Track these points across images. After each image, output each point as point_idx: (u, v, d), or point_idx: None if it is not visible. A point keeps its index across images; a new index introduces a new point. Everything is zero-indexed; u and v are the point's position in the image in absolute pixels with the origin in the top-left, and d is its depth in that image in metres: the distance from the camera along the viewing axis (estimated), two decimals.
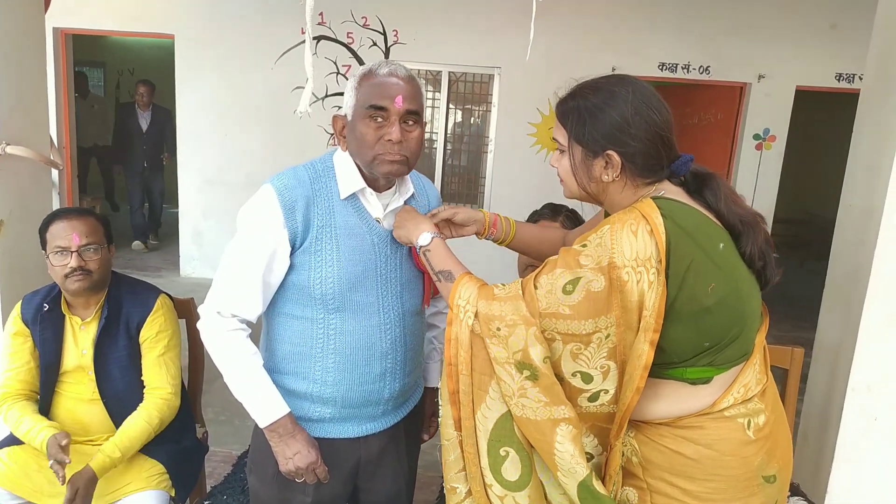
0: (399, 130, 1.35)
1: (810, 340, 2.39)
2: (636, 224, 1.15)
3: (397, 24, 5.44)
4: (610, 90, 1.23)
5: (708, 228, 1.20)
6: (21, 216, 2.25)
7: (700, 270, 1.15)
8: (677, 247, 1.14)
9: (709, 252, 1.17)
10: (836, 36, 5.23)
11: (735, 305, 1.19)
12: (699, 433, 1.22)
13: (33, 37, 2.35)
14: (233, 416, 3.30)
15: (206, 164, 5.84)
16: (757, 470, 1.24)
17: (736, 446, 1.22)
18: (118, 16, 5.59)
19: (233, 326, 1.41)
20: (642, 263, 1.13)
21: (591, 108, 1.22)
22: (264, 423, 1.40)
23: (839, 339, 2.16)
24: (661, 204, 1.18)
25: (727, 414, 1.23)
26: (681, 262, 1.14)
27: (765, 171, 5.41)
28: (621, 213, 1.18)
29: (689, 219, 1.18)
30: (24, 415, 1.77)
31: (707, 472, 1.21)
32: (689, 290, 1.14)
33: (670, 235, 1.14)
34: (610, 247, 1.15)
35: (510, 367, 1.21)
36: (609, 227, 1.17)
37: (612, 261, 1.14)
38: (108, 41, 9.82)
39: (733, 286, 1.19)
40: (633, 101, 1.21)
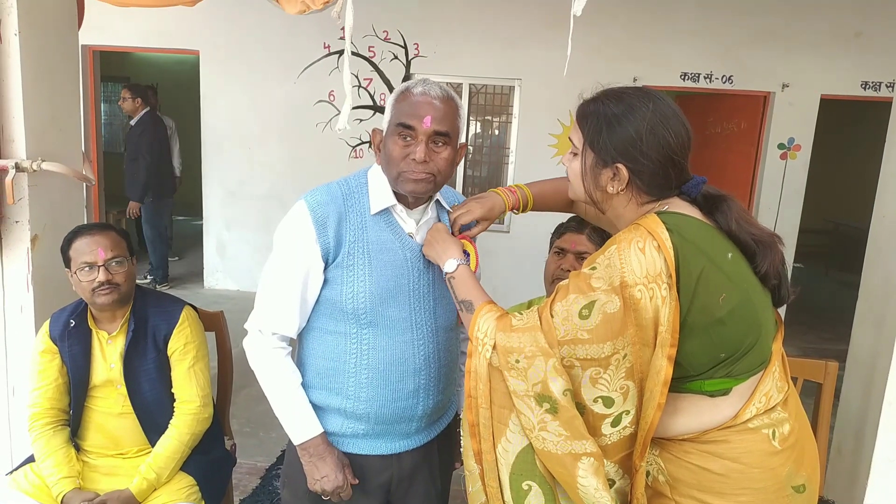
0: (424, 150, 1.36)
1: (836, 352, 2.36)
2: (642, 241, 1.15)
3: (418, 38, 5.48)
4: (631, 103, 1.22)
5: (714, 239, 1.20)
6: (54, 231, 2.29)
7: (710, 282, 1.14)
8: (686, 260, 1.14)
9: (717, 263, 1.16)
10: (861, 44, 5.17)
11: (748, 315, 1.19)
12: (724, 447, 1.21)
13: (67, 54, 2.39)
14: (257, 429, 3.31)
15: (229, 177, 5.91)
16: (786, 480, 1.23)
17: (762, 458, 1.21)
18: (144, 32, 5.70)
19: (273, 345, 1.45)
20: (653, 280, 1.13)
21: (610, 118, 1.22)
22: (297, 441, 1.44)
23: (874, 352, 2.12)
24: (666, 218, 1.18)
25: (751, 426, 1.22)
26: (690, 275, 1.14)
27: (790, 181, 5.35)
28: (626, 232, 1.18)
29: (695, 231, 1.18)
30: (48, 454, 1.81)
31: (736, 486, 1.20)
32: (700, 302, 1.14)
33: (678, 249, 1.14)
34: (619, 266, 1.14)
35: (529, 400, 1.19)
36: (616, 246, 1.16)
37: (624, 280, 1.14)
38: (133, 57, 10.00)
39: (745, 296, 1.18)
40: (651, 118, 1.20)
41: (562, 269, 1.87)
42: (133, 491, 1.76)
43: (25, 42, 2.12)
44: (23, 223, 2.18)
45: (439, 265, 1.41)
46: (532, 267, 4.84)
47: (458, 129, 1.43)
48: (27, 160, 2.13)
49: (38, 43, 2.19)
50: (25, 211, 2.18)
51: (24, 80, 2.13)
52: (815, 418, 2.01)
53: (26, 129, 2.15)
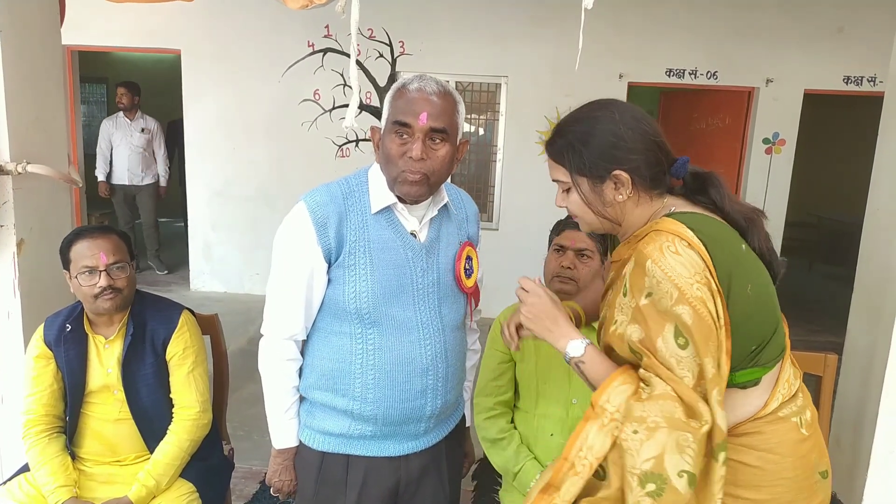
0: (420, 148, 1.34)
1: (823, 343, 2.38)
2: (671, 243, 1.13)
3: (403, 36, 5.44)
4: (591, 116, 1.24)
5: (729, 233, 1.20)
6: (40, 235, 2.24)
7: (738, 274, 1.15)
8: (715, 255, 1.13)
9: (738, 255, 1.18)
10: (844, 39, 5.23)
11: (769, 302, 1.21)
12: (758, 439, 1.21)
13: (50, 53, 2.34)
14: (251, 432, 3.27)
15: (214, 178, 5.84)
16: (814, 467, 1.25)
17: (794, 446, 1.22)
18: (124, 32, 5.60)
19: (288, 355, 1.48)
20: (701, 275, 1.12)
21: (581, 138, 1.22)
22: (278, 446, 1.53)
23: (871, 344, 2.13)
24: (681, 218, 1.18)
25: (780, 414, 1.23)
26: (722, 268, 1.14)
27: (775, 176, 5.40)
28: (649, 242, 1.16)
29: (713, 227, 1.18)
30: (43, 462, 1.77)
31: (772, 478, 1.20)
32: (734, 296, 1.14)
33: (707, 245, 1.13)
34: (666, 276, 1.12)
35: (632, 478, 1.11)
36: (649, 261, 1.13)
37: (679, 287, 1.11)
38: (111, 56, 9.85)
39: (764, 282, 1.21)
40: (620, 118, 1.21)
41: (562, 266, 1.86)
42: (132, 498, 1.72)
43: (7, 41, 2.07)
44: (8, 227, 2.13)
45: (557, 348, 1.28)
46: (522, 264, 4.83)
47: (457, 126, 1.41)
48: (11, 162, 2.07)
49: (20, 42, 2.13)
50: (10, 215, 2.12)
51: (7, 80, 2.07)
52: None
53: (9, 131, 2.09)
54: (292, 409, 1.51)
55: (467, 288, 1.51)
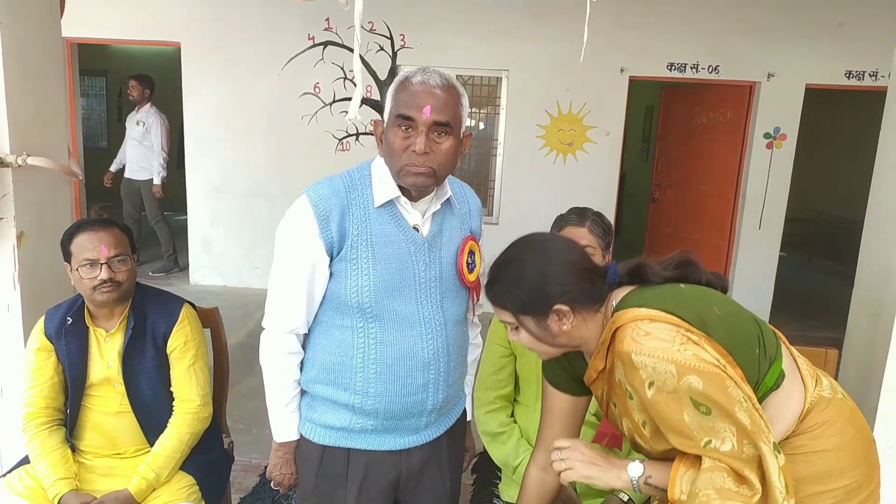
0: (424, 141, 1.33)
1: (822, 339, 2.38)
2: (636, 329, 1.19)
3: (404, 29, 5.42)
4: (519, 258, 1.30)
5: (669, 286, 1.30)
6: (41, 228, 2.23)
7: (702, 309, 1.23)
8: (675, 309, 1.21)
9: (689, 296, 1.28)
10: (845, 33, 5.21)
11: (736, 308, 1.31)
12: (824, 421, 1.26)
13: (50, 46, 2.33)
14: (251, 425, 3.28)
15: (213, 172, 5.82)
16: (870, 435, 1.33)
17: (853, 416, 1.30)
18: (124, 25, 5.59)
19: (290, 349, 1.47)
20: (679, 336, 1.17)
21: (514, 281, 1.28)
22: (279, 440, 1.53)
23: (871, 339, 2.13)
24: (629, 303, 1.26)
25: (826, 395, 1.29)
26: (688, 314, 1.21)
27: (776, 170, 5.38)
28: (619, 345, 1.21)
29: (655, 291, 1.28)
30: (43, 455, 1.76)
31: (854, 455, 1.25)
32: (711, 327, 1.21)
33: (667, 309, 1.21)
34: (657, 359, 1.15)
35: None
36: (632, 356, 1.17)
37: (672, 360, 1.15)
38: (110, 49, 9.82)
39: (721, 299, 1.32)
40: (544, 257, 1.29)
41: None
42: (132, 491, 1.72)
43: (7, 33, 2.06)
44: (8, 220, 2.12)
45: (619, 485, 1.30)
46: None
47: (461, 119, 1.40)
48: (11, 155, 2.07)
49: (20, 34, 2.12)
50: (10, 207, 2.11)
51: (7, 72, 2.06)
52: None
53: (9, 124, 2.08)
54: (293, 403, 1.50)
55: (470, 282, 1.50)
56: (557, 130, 5.51)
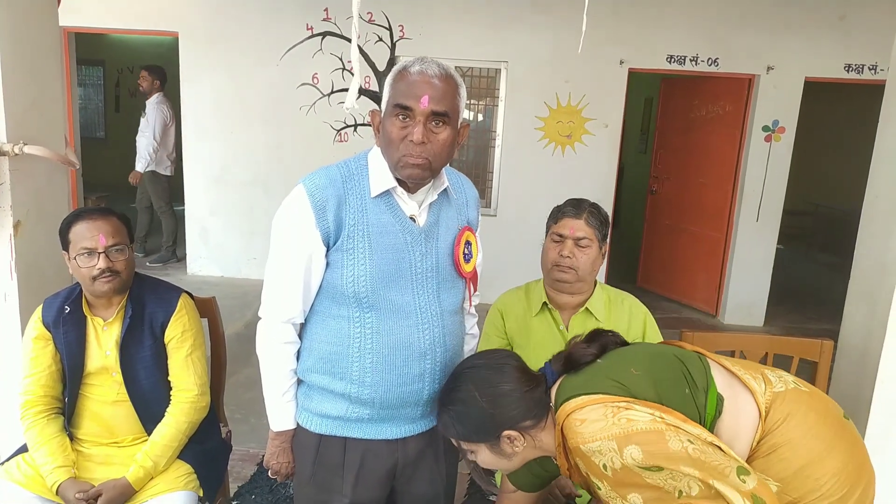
0: (422, 131, 1.33)
1: (819, 331, 2.39)
2: (575, 420, 1.26)
3: (403, 20, 5.40)
4: (457, 398, 1.36)
5: (590, 367, 1.37)
6: (38, 217, 2.23)
7: (618, 375, 1.32)
8: (599, 387, 1.29)
9: (607, 366, 1.36)
10: (845, 27, 5.19)
11: (653, 356, 1.41)
12: (785, 415, 1.29)
13: (47, 35, 2.32)
14: (248, 415, 3.28)
15: (211, 162, 5.81)
16: (834, 409, 1.36)
17: (812, 401, 1.33)
18: (121, 14, 5.55)
19: (286, 338, 1.48)
20: (608, 410, 1.24)
21: (459, 420, 1.36)
22: (276, 429, 1.53)
23: (866, 331, 2.14)
24: (560, 397, 1.32)
25: (779, 390, 1.33)
26: (610, 385, 1.29)
27: (774, 164, 5.38)
28: (569, 443, 1.27)
29: (580, 376, 1.35)
30: (42, 443, 1.77)
31: (823, 438, 1.28)
32: (634, 387, 1.29)
33: (589, 391, 1.29)
34: (599, 440, 1.21)
35: None
36: (580, 447, 1.23)
37: (611, 436, 1.20)
38: (108, 39, 9.78)
39: (633, 354, 1.41)
40: (481, 394, 1.34)
41: (562, 255, 1.85)
42: (129, 479, 1.73)
43: (4, 22, 2.05)
44: (4, 209, 2.12)
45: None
46: (521, 251, 4.84)
47: (458, 109, 1.40)
48: (8, 144, 2.06)
49: (16, 23, 2.12)
50: (7, 196, 2.11)
51: (4, 61, 2.06)
52: None
53: (6, 112, 2.08)
54: (290, 392, 1.51)
55: (466, 273, 1.51)
56: (556, 122, 5.51)
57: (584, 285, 1.89)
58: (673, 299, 6.09)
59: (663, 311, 5.74)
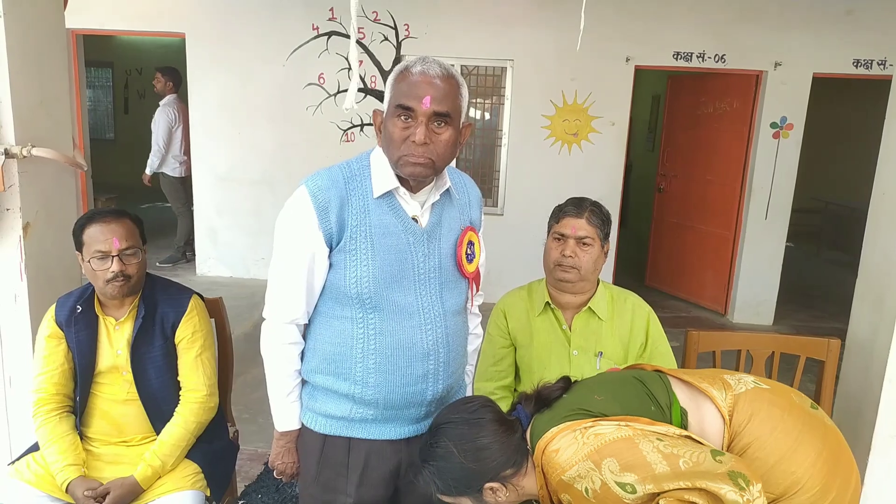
0: (424, 132, 1.33)
1: (828, 329, 2.38)
2: (550, 454, 1.29)
3: (408, 19, 5.40)
4: (437, 454, 1.36)
5: (558, 403, 1.41)
6: (46, 218, 2.25)
7: (585, 402, 1.37)
8: (566, 417, 1.34)
9: (571, 399, 1.40)
10: (853, 22, 5.15)
11: (611, 382, 1.45)
12: (749, 415, 1.32)
13: (54, 36, 2.33)
14: (256, 415, 3.30)
15: (218, 162, 5.84)
16: (798, 403, 1.39)
17: (774, 397, 1.37)
18: (128, 15, 5.58)
19: (290, 339, 1.48)
20: (577, 434, 1.28)
21: (441, 477, 1.35)
22: (281, 429, 1.54)
23: (874, 329, 2.13)
24: (533, 439, 1.35)
25: (740, 392, 1.37)
26: (580, 411, 1.34)
27: (782, 161, 5.34)
28: (551, 480, 1.30)
29: (547, 414, 1.38)
30: (53, 440, 1.79)
31: (790, 433, 1.32)
32: (600, 409, 1.34)
33: (556, 423, 1.33)
34: (576, 466, 1.24)
35: None
36: (563, 477, 1.26)
37: (584, 458, 1.24)
38: (116, 41, 9.84)
39: (591, 384, 1.46)
40: (458, 451, 1.34)
41: (564, 255, 1.85)
42: (137, 478, 1.75)
43: (11, 24, 2.07)
44: (14, 211, 2.14)
45: None
46: (526, 250, 4.83)
47: (460, 109, 1.40)
48: (17, 146, 2.08)
49: (24, 25, 2.13)
50: (16, 198, 2.13)
51: (11, 63, 2.07)
52: (817, 396, 2.02)
53: (14, 115, 2.10)
54: (294, 393, 1.51)
55: (469, 273, 1.51)
56: (562, 121, 5.49)
57: (586, 284, 1.89)
58: (681, 298, 6.07)
59: (672, 311, 5.72)
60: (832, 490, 1.29)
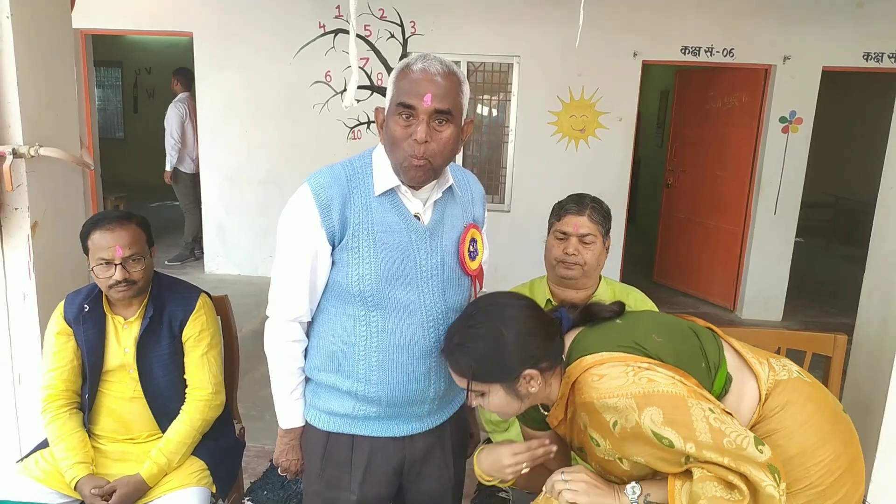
0: (425, 130, 1.33)
1: (838, 325, 2.36)
2: (589, 376, 1.25)
3: (414, 16, 5.40)
4: (480, 335, 1.31)
5: (608, 325, 1.37)
6: (54, 217, 2.27)
7: (641, 339, 1.31)
8: (621, 346, 1.29)
9: (629, 327, 1.35)
10: (863, 14, 5.10)
11: (671, 327, 1.38)
12: (784, 402, 1.30)
13: (61, 37, 2.35)
14: (263, 412, 3.32)
15: (226, 161, 5.86)
16: (833, 403, 1.37)
17: (813, 392, 1.34)
18: (136, 15, 5.62)
19: (293, 337, 1.49)
20: (630, 370, 1.23)
21: (481, 356, 1.30)
22: (284, 426, 1.55)
23: (882, 324, 2.11)
24: (575, 353, 1.31)
25: (782, 377, 1.34)
26: (633, 346, 1.29)
27: (791, 155, 5.30)
28: (579, 397, 1.27)
29: (597, 333, 1.35)
30: (62, 437, 1.80)
31: (819, 430, 1.29)
32: (656, 353, 1.29)
33: (610, 348, 1.28)
34: (617, 396, 1.20)
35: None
36: (594, 402, 1.22)
37: (631, 394, 1.20)
38: (125, 40, 9.90)
39: (651, 323, 1.40)
40: (506, 331, 1.30)
41: (566, 252, 1.85)
42: (143, 476, 1.76)
43: (18, 25, 2.08)
44: (22, 210, 2.16)
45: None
46: (532, 247, 4.80)
47: (461, 106, 1.40)
48: (24, 146, 2.10)
49: (31, 26, 2.15)
50: (24, 198, 2.15)
51: (18, 63, 2.09)
52: None
53: (22, 115, 2.12)
54: (298, 390, 1.52)
55: (471, 270, 1.51)
56: (569, 116, 5.48)
57: (588, 280, 1.89)
58: (690, 294, 6.04)
59: (680, 307, 5.70)
60: (837, 493, 1.28)
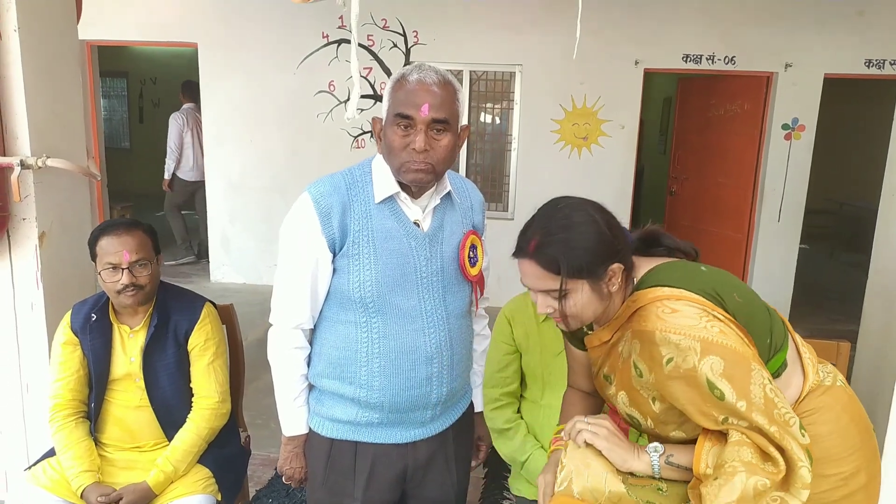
0: (423, 139, 1.35)
1: (844, 332, 2.35)
2: (662, 307, 1.20)
3: (417, 25, 5.44)
4: (571, 223, 1.25)
5: (690, 267, 1.30)
6: (62, 228, 2.29)
7: (722, 291, 1.24)
8: (703, 292, 1.23)
9: (713, 278, 1.27)
10: (864, 22, 5.11)
11: (751, 295, 1.31)
12: (819, 407, 1.27)
13: (67, 49, 2.38)
14: (269, 420, 3.32)
15: (231, 170, 5.90)
16: (868, 423, 1.34)
17: (850, 404, 1.31)
18: (141, 26, 5.67)
19: (296, 344, 1.50)
20: (705, 316, 1.18)
21: (573, 244, 1.23)
22: (288, 434, 1.55)
23: (885, 330, 2.11)
24: (650, 282, 1.25)
25: (826, 383, 1.31)
26: (710, 295, 1.23)
27: (794, 162, 5.31)
28: (642, 323, 1.21)
29: (678, 271, 1.28)
30: (69, 446, 1.82)
31: (848, 442, 1.26)
32: (732, 310, 1.23)
33: (691, 290, 1.22)
34: (683, 336, 1.16)
35: None
36: (657, 333, 1.18)
37: (699, 338, 1.16)
38: (130, 51, 9.97)
39: (737, 283, 1.31)
40: (594, 217, 1.26)
41: None
42: (150, 483, 1.77)
43: (25, 38, 2.11)
44: (30, 220, 2.19)
45: (639, 467, 1.30)
46: None
47: (458, 114, 1.42)
48: (32, 157, 2.13)
49: (37, 38, 2.18)
50: (32, 208, 2.18)
51: (26, 76, 2.12)
52: None
53: (29, 126, 2.15)
54: (301, 397, 1.53)
55: (472, 276, 1.52)
56: (572, 124, 5.50)
57: None
58: None
59: None
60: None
